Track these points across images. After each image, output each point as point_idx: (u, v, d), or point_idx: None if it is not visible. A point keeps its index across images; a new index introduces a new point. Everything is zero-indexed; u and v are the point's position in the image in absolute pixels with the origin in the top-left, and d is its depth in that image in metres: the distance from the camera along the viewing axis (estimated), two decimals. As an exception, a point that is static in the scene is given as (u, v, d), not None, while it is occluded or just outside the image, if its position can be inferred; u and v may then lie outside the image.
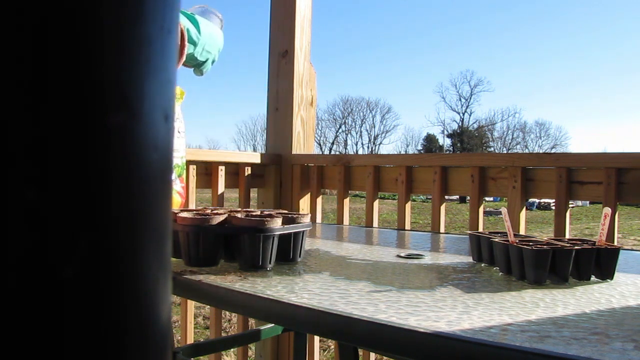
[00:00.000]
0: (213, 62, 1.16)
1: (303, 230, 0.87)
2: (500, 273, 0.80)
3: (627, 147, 76.07)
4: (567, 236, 1.36)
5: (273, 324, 1.45)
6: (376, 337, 0.55)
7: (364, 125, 41.98)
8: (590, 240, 0.81)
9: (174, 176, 1.27)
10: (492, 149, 39.69)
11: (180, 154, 1.28)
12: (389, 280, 0.74)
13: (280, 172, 1.89)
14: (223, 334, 2.27)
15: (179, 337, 1.72)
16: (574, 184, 1.34)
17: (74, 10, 0.16)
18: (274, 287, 0.69)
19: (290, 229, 0.84)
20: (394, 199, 16.19)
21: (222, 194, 1.72)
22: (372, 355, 1.69)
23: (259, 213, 0.90)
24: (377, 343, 0.56)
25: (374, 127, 42.15)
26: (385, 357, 1.69)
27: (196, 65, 1.14)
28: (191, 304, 1.73)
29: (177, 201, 1.23)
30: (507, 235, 0.83)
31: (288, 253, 0.85)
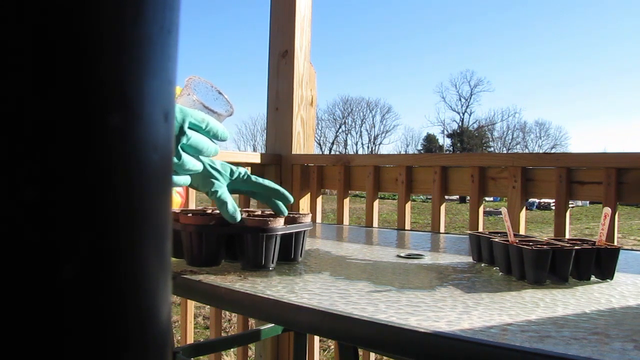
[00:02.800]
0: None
1: (304, 230, 0.87)
2: (500, 273, 0.80)
3: (627, 147, 76.05)
4: (567, 236, 1.36)
5: (273, 324, 1.45)
6: (376, 337, 0.55)
7: (364, 125, 41.99)
8: (590, 240, 0.81)
9: (174, 176, 1.26)
10: (492, 149, 39.68)
11: (180, 154, 1.28)
12: (389, 280, 0.74)
13: (280, 172, 1.89)
14: (223, 334, 2.27)
15: (179, 337, 1.72)
16: (574, 184, 1.34)
17: (73, 10, 0.16)
18: (274, 287, 0.69)
19: (292, 228, 0.84)
20: (394, 199, 16.18)
21: (222, 194, 1.72)
22: (372, 355, 1.69)
23: (260, 213, 0.91)
24: (377, 343, 0.56)
25: (374, 127, 42.16)
26: (385, 357, 1.69)
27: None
28: (191, 304, 1.73)
29: (177, 201, 1.23)
30: (507, 235, 0.83)
31: (289, 253, 0.85)
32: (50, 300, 0.16)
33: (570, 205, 1.36)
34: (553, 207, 1.44)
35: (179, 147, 0.72)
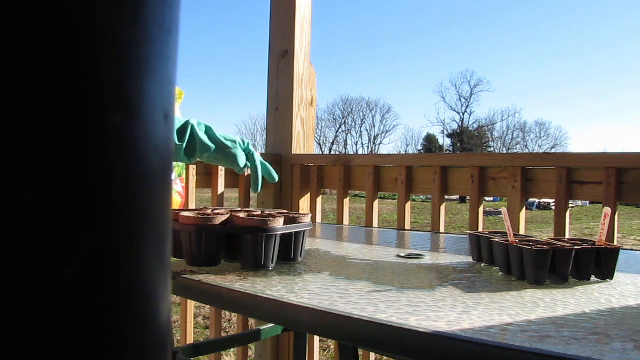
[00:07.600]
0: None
1: (304, 230, 0.87)
2: (500, 273, 0.80)
3: (627, 147, 75.91)
4: (567, 236, 1.36)
5: (273, 324, 1.45)
6: (376, 337, 0.55)
7: (364, 125, 41.96)
8: (590, 240, 0.81)
9: (173, 176, 1.26)
10: (492, 149, 39.67)
11: (180, 154, 1.28)
12: (389, 280, 0.74)
13: (280, 172, 1.89)
14: (223, 334, 2.27)
15: (179, 337, 1.72)
16: (574, 184, 1.34)
17: (73, 10, 0.16)
18: (274, 287, 0.69)
19: (292, 228, 0.84)
20: (394, 199, 16.18)
21: (222, 194, 1.72)
22: (372, 355, 1.69)
23: (260, 213, 0.90)
24: (377, 343, 0.56)
25: (374, 127, 42.13)
26: (385, 357, 1.69)
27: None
28: (191, 304, 1.73)
29: (177, 201, 1.23)
30: (507, 235, 0.83)
31: (289, 253, 0.85)
32: (50, 300, 0.16)
33: (570, 205, 1.36)
34: (553, 207, 1.44)
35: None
